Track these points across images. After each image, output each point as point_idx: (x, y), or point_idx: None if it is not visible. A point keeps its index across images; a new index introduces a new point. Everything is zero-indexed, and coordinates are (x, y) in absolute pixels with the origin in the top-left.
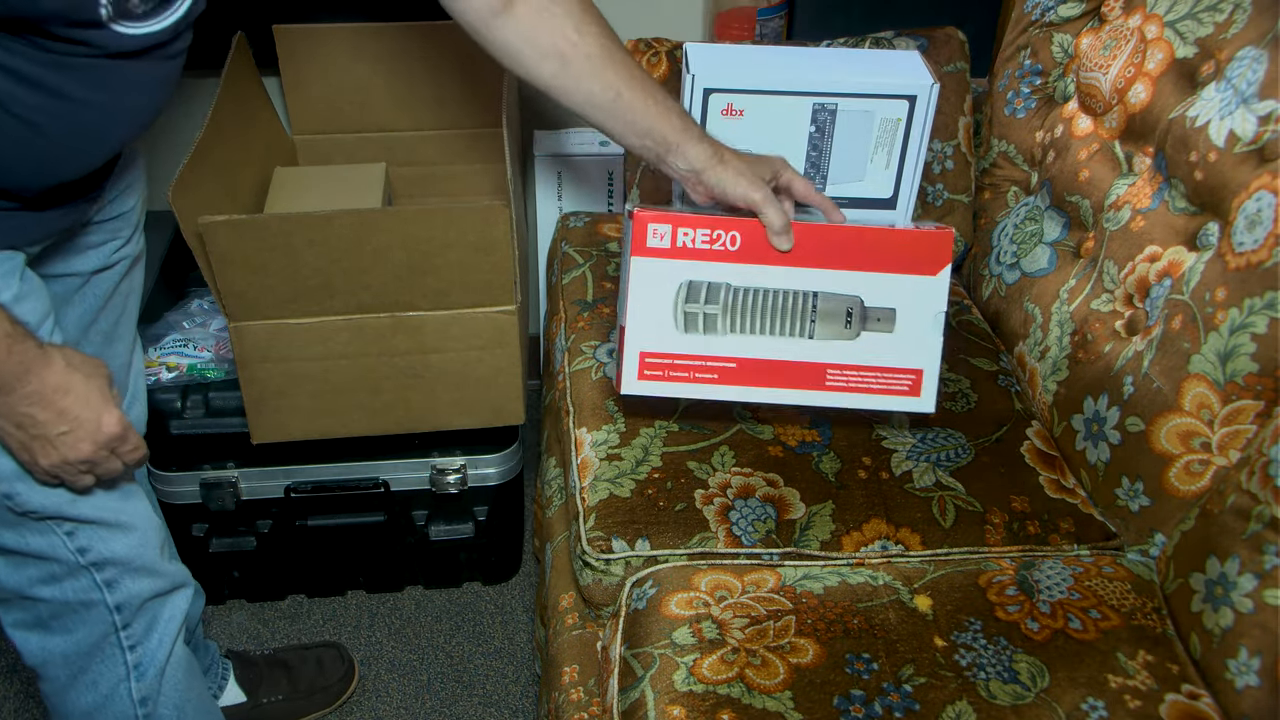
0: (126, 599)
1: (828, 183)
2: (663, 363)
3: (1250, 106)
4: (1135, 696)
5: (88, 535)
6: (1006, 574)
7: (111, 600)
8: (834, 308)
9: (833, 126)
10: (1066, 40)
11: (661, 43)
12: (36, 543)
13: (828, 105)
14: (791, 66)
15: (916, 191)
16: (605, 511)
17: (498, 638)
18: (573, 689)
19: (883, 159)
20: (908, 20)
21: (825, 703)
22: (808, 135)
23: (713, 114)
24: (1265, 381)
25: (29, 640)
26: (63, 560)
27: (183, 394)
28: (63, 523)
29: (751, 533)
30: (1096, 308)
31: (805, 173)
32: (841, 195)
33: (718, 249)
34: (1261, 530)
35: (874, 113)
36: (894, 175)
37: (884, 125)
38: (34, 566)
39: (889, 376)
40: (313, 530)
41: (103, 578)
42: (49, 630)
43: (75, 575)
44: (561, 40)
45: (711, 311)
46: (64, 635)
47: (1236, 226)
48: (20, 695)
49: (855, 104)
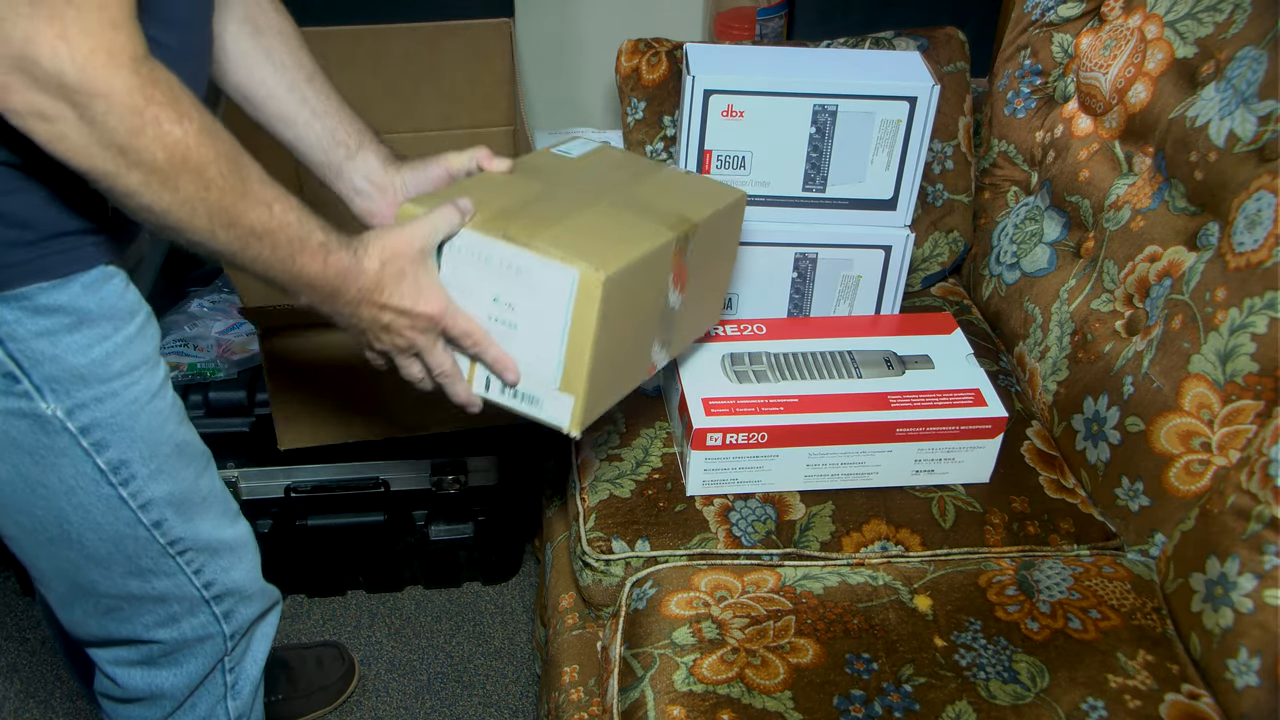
0: (239, 626)
1: (828, 184)
2: (727, 402)
3: (1250, 106)
4: (1135, 696)
5: (213, 569)
6: (1006, 574)
7: (228, 630)
8: (872, 358)
9: (833, 128)
10: (1066, 40)
11: (661, 43)
12: (161, 585)
13: (828, 106)
14: (792, 67)
15: (917, 192)
16: (605, 512)
17: (498, 638)
18: (573, 689)
19: (883, 160)
20: (908, 20)
21: (825, 703)
22: (808, 136)
23: (713, 115)
24: (1265, 381)
25: (133, 676)
26: (186, 598)
27: (183, 394)
28: (193, 557)
29: (751, 533)
30: (1096, 308)
31: (806, 174)
32: (842, 196)
33: (748, 334)
34: (1261, 530)
35: (874, 114)
36: (894, 176)
37: (884, 126)
38: (150, 613)
39: (950, 395)
40: (313, 530)
41: (222, 610)
42: (157, 666)
43: (195, 612)
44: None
45: (759, 369)
46: (173, 669)
47: (1236, 226)
48: (20, 695)
49: (856, 105)
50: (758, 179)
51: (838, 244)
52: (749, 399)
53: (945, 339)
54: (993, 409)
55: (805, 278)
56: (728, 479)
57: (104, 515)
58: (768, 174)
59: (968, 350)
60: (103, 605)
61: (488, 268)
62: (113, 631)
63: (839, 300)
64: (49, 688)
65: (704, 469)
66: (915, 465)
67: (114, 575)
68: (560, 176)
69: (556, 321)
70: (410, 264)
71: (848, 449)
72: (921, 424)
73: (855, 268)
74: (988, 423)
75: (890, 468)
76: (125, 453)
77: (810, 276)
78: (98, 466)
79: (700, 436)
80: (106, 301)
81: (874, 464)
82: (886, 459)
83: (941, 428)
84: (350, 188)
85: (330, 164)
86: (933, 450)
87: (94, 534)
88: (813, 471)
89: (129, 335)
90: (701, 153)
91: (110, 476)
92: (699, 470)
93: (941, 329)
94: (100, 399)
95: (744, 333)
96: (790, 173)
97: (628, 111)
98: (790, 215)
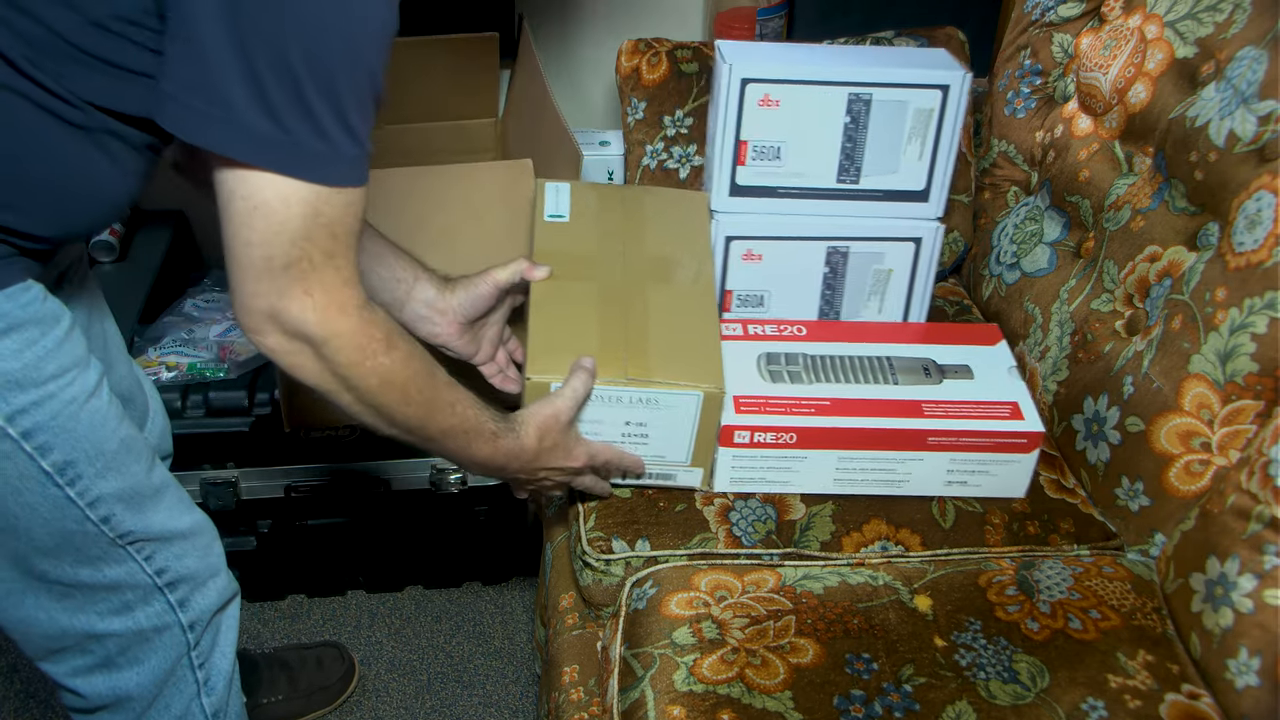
0: (198, 616)
1: (861, 175)
2: (758, 401)
3: (1250, 106)
4: (1135, 696)
5: (164, 556)
6: (1006, 574)
7: (185, 620)
8: (911, 364)
9: (867, 117)
10: (1066, 40)
11: (661, 43)
12: (113, 573)
13: (863, 95)
14: (825, 59)
15: (949, 184)
16: (605, 511)
17: (498, 638)
18: (573, 689)
19: (915, 150)
20: (908, 20)
21: (825, 703)
22: (842, 126)
23: (749, 104)
24: (1265, 381)
25: (94, 683)
26: (139, 585)
27: (183, 394)
28: (144, 546)
29: (751, 533)
30: (1096, 308)
31: (840, 165)
32: (875, 188)
33: (787, 334)
34: (1261, 530)
35: (908, 103)
36: (927, 167)
37: (917, 115)
38: (104, 600)
39: (987, 407)
40: (313, 530)
41: (176, 597)
42: (116, 668)
43: (149, 600)
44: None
45: (794, 369)
46: (134, 668)
47: (1236, 226)
48: (20, 695)
49: (889, 94)
50: (792, 170)
51: (870, 237)
52: (780, 399)
53: (989, 350)
54: (1030, 423)
55: (837, 272)
56: (755, 478)
57: (51, 513)
58: (802, 165)
59: (1010, 362)
60: (55, 592)
61: (619, 405)
62: (66, 626)
63: (870, 295)
64: (49, 688)
65: (731, 466)
66: (947, 476)
67: (64, 565)
68: (590, 263)
69: (686, 426)
70: (561, 434)
71: (877, 455)
72: (954, 434)
73: (886, 261)
74: (1023, 437)
75: (921, 477)
76: (70, 454)
77: (842, 271)
78: (43, 469)
79: (728, 433)
80: (30, 308)
81: (905, 472)
82: (918, 468)
83: (975, 439)
84: (413, 316)
85: (394, 301)
86: (965, 462)
87: (42, 528)
88: (842, 476)
89: (58, 338)
90: (737, 144)
91: (56, 478)
92: (726, 467)
93: (986, 340)
94: (39, 402)
95: (783, 333)
96: (824, 163)
97: (628, 111)
98: (824, 208)
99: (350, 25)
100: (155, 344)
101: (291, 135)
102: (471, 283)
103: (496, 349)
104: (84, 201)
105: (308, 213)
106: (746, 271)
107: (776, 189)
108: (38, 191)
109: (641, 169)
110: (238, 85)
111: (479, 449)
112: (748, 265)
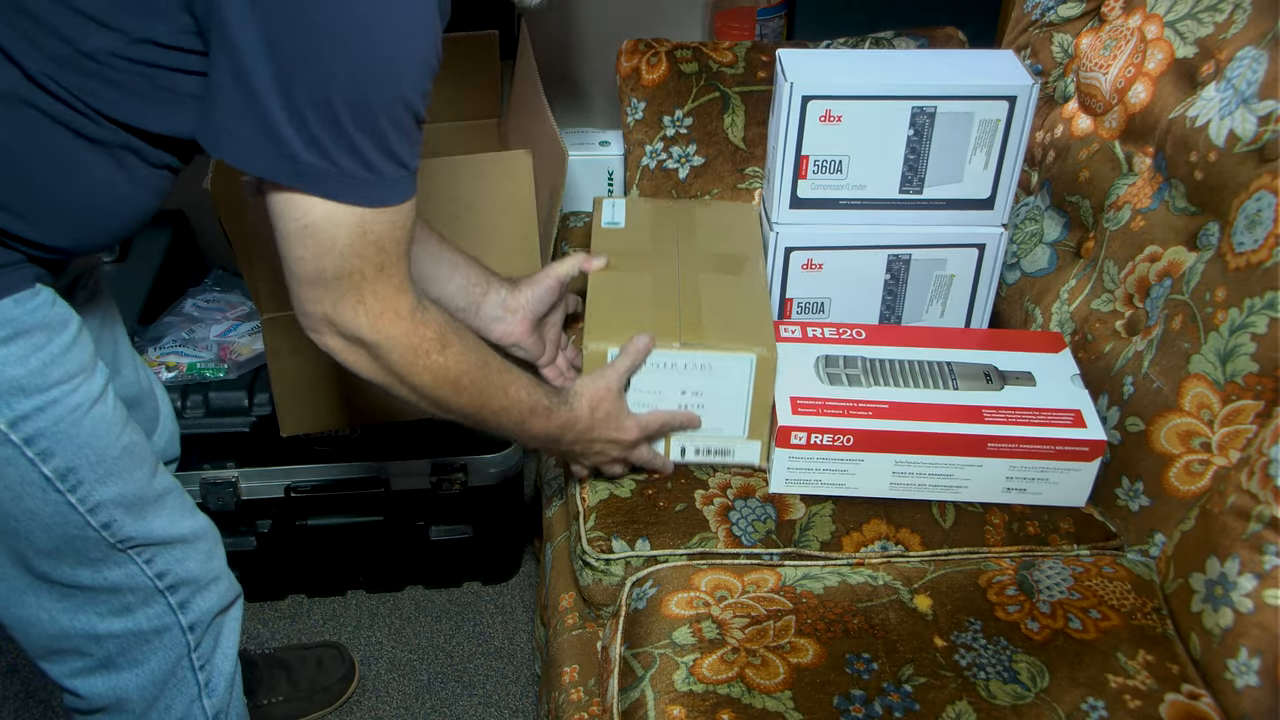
0: (199, 618)
1: (925, 185)
2: (815, 403)
3: (1250, 106)
4: (1135, 696)
5: (165, 559)
6: (1006, 574)
7: (185, 621)
8: (972, 370)
9: (931, 129)
10: (1066, 40)
11: (661, 43)
12: (113, 575)
13: (926, 108)
14: (886, 70)
15: (1014, 191)
16: (605, 511)
17: (498, 638)
18: (573, 689)
19: (981, 159)
20: (908, 20)
21: (825, 703)
22: (905, 138)
23: (810, 120)
24: (1265, 381)
25: (94, 684)
26: (139, 588)
27: (183, 394)
28: (144, 550)
29: (751, 533)
30: (1096, 308)
31: (903, 176)
32: (938, 197)
33: (846, 338)
34: (1261, 530)
35: (974, 114)
36: (993, 175)
37: (983, 126)
38: (104, 601)
39: (1048, 413)
40: (313, 530)
41: (177, 600)
42: (116, 669)
43: (149, 602)
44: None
45: (853, 372)
46: (134, 670)
47: (1236, 226)
48: (20, 695)
49: (955, 106)
50: (854, 182)
51: (932, 244)
52: (838, 401)
53: (1052, 357)
54: (1092, 431)
55: (898, 279)
56: (812, 479)
57: (51, 517)
58: (864, 177)
59: (1074, 370)
60: (56, 592)
61: (674, 371)
62: (66, 625)
63: (931, 300)
64: (49, 688)
65: (787, 467)
66: (1006, 483)
67: (64, 566)
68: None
69: (741, 393)
70: (613, 404)
71: (935, 460)
72: (1014, 440)
73: (949, 267)
74: (1085, 445)
75: (980, 483)
76: (72, 460)
77: (903, 278)
78: (44, 475)
79: (785, 434)
80: (37, 313)
81: (963, 477)
82: (977, 474)
83: (1035, 446)
84: (488, 318)
85: (470, 307)
86: (1025, 469)
87: (42, 532)
88: (899, 480)
89: (64, 344)
90: (799, 159)
91: (57, 484)
92: (782, 468)
93: (1050, 347)
94: (42, 408)
95: (842, 336)
96: (887, 175)
97: (627, 111)
98: (886, 218)
99: (391, 68)
100: (155, 344)
101: (338, 166)
102: (535, 280)
103: (557, 351)
104: (98, 215)
105: (355, 232)
106: (807, 280)
107: (838, 200)
108: (51, 203)
109: (641, 169)
110: (285, 123)
111: (534, 424)
112: (808, 274)
